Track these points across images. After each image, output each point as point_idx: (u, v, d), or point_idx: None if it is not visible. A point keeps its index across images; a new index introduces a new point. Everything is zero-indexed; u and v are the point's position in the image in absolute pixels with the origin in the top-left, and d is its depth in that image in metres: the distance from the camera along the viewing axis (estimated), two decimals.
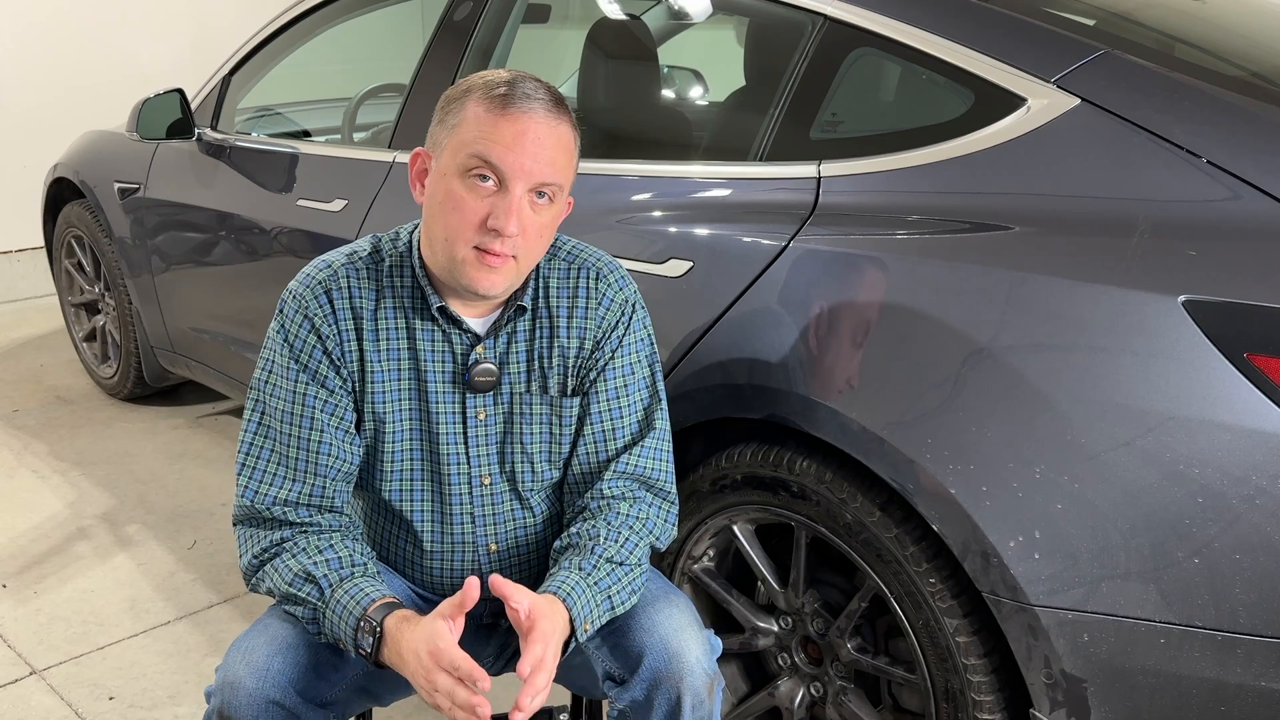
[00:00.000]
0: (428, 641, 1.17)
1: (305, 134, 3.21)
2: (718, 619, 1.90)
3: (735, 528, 1.77)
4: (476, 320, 1.36)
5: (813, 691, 1.75)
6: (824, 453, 1.58)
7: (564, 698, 1.60)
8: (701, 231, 1.74)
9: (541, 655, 1.16)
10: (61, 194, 3.72)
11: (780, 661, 1.79)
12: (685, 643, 1.29)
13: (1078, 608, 1.33)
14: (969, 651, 1.46)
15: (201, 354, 3.09)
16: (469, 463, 1.38)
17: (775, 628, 1.78)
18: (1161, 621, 1.29)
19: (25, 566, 2.61)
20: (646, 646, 1.29)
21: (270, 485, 1.33)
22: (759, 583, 1.79)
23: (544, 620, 1.18)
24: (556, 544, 1.36)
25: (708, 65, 3.21)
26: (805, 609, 1.72)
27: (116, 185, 3.29)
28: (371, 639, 1.22)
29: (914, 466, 1.42)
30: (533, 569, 1.46)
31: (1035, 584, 1.35)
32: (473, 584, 1.16)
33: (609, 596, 1.29)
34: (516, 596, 1.18)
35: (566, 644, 1.24)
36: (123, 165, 3.29)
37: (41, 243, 4.74)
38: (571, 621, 1.23)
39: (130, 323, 3.42)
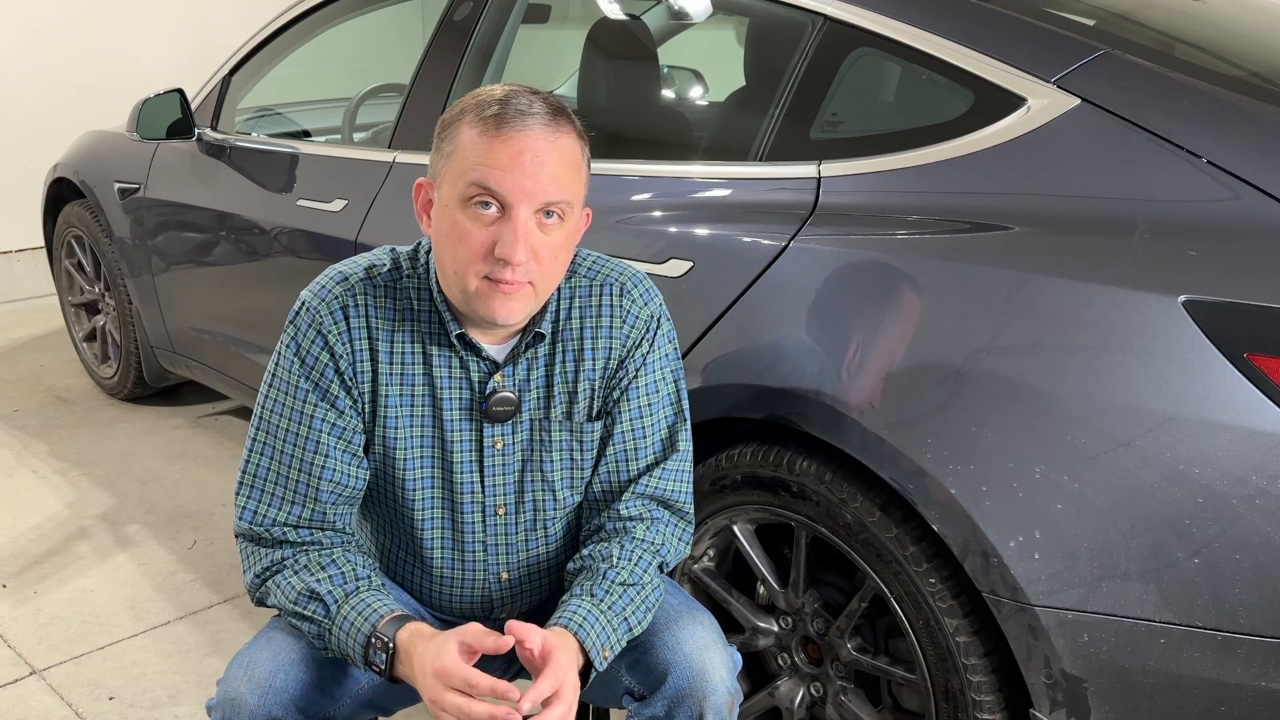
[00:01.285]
0: (434, 659, 1.14)
1: (305, 134, 3.21)
2: (718, 619, 1.89)
3: (735, 528, 1.77)
4: (494, 347, 1.32)
5: (813, 691, 1.75)
6: (824, 453, 1.58)
7: None
8: (701, 231, 1.74)
9: (552, 690, 1.13)
10: (61, 194, 3.72)
11: (780, 661, 1.79)
12: (710, 661, 1.27)
13: (1078, 608, 1.33)
14: (969, 651, 1.46)
15: (202, 354, 3.09)
16: (484, 492, 1.35)
17: (775, 628, 1.78)
18: (1161, 621, 1.29)
19: (25, 566, 2.61)
20: (671, 664, 1.26)
21: (269, 506, 1.29)
22: (759, 583, 1.79)
23: (559, 653, 1.15)
24: (570, 565, 1.34)
25: (708, 65, 3.21)
26: (805, 609, 1.72)
27: (116, 185, 3.29)
28: (385, 655, 1.19)
29: (914, 466, 1.42)
30: (544, 595, 1.45)
31: (1035, 584, 1.35)
32: (507, 642, 1.13)
33: (625, 619, 1.26)
34: (531, 637, 1.15)
35: (587, 675, 1.21)
36: (123, 165, 3.29)
37: (41, 243, 4.74)
38: (587, 652, 1.21)
39: (130, 323, 3.42)
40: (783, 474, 1.63)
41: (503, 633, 1.15)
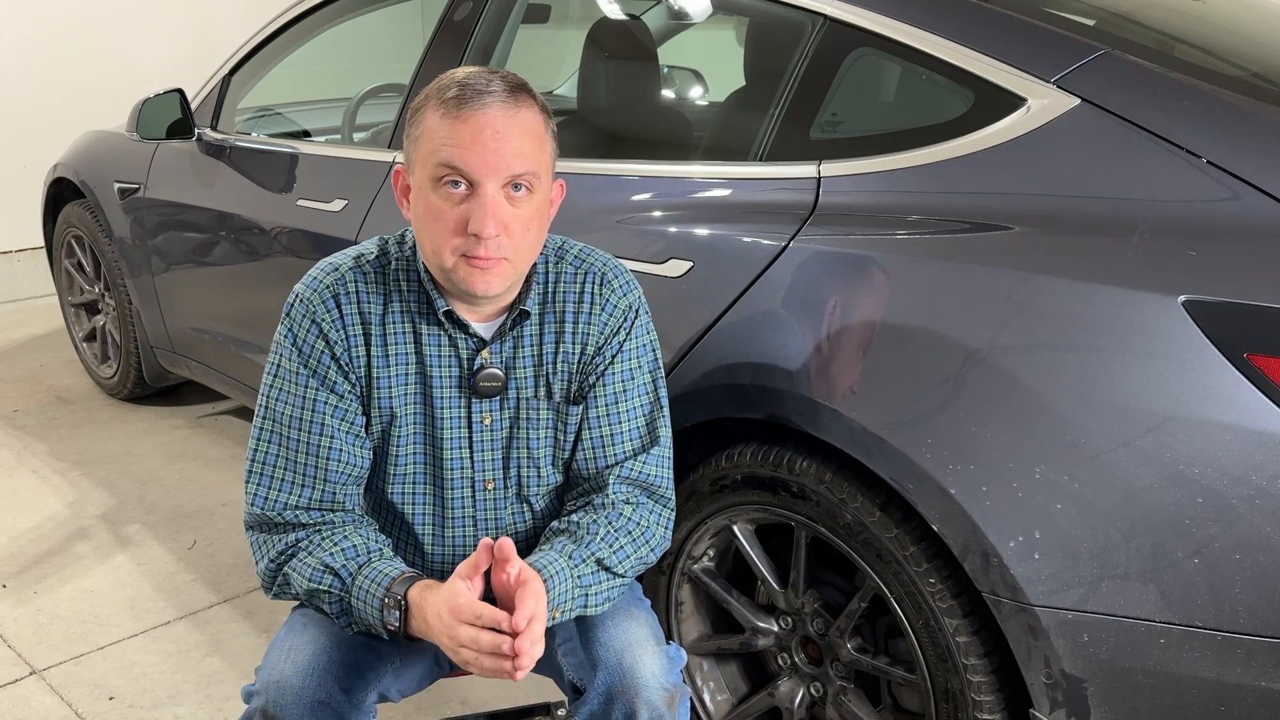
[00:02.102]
0: (448, 600, 1.17)
1: (305, 134, 3.21)
2: (718, 619, 1.90)
3: (735, 528, 1.77)
4: (482, 325, 1.35)
5: (813, 691, 1.75)
6: (824, 453, 1.58)
7: (560, 694, 1.60)
8: (701, 231, 1.74)
9: (535, 610, 1.15)
10: (61, 194, 3.72)
11: (780, 661, 1.79)
12: (639, 658, 1.28)
13: (1078, 608, 1.33)
14: (969, 651, 1.46)
15: (201, 354, 3.09)
16: (472, 467, 1.38)
17: (775, 628, 1.78)
18: (1161, 621, 1.29)
19: (25, 566, 2.61)
20: (600, 661, 1.29)
21: (280, 492, 1.33)
22: (759, 583, 1.79)
23: (535, 581, 1.18)
24: (554, 524, 1.37)
25: (708, 65, 3.21)
26: (805, 609, 1.72)
27: (116, 185, 3.29)
28: (398, 612, 1.23)
29: (914, 466, 1.42)
30: None
31: (1035, 584, 1.35)
32: (485, 547, 1.16)
33: (585, 594, 1.29)
34: (513, 560, 1.18)
35: None
36: (123, 165, 3.29)
37: (41, 243, 4.75)
38: None
39: (130, 323, 3.42)
40: (783, 474, 1.63)
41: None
